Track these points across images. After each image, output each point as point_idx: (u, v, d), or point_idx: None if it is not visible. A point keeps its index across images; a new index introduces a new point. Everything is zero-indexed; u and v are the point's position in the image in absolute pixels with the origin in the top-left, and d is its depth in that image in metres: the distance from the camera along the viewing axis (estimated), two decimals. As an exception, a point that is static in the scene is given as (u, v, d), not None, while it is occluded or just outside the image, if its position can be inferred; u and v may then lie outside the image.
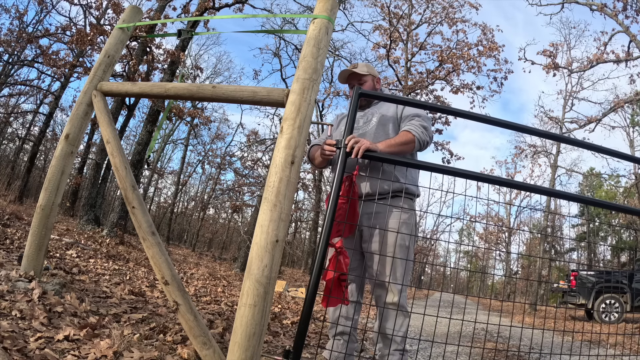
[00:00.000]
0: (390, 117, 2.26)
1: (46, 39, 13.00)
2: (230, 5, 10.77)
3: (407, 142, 2.08)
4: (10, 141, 20.12)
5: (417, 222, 2.30)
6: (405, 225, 2.13)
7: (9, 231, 4.85)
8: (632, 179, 16.04)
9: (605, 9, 11.24)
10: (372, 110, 2.34)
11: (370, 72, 2.39)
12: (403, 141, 2.07)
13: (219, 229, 30.60)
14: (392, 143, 2.05)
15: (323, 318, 3.97)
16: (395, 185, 2.12)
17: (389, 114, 2.27)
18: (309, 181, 17.54)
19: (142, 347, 1.91)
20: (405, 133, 2.11)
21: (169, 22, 9.40)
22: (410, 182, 2.20)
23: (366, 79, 2.37)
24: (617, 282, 9.10)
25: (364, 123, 2.31)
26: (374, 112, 2.32)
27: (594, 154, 16.93)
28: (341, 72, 2.41)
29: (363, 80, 2.37)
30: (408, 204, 2.18)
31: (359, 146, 1.84)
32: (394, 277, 2.05)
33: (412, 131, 2.10)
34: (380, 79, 2.54)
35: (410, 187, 2.17)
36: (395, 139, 2.09)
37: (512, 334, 5.24)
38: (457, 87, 12.58)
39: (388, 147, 2.02)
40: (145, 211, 2.21)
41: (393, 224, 2.09)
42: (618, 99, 13.72)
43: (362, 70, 2.37)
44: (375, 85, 2.42)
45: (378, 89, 2.45)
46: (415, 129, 2.11)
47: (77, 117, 2.60)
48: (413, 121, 2.16)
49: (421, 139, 2.10)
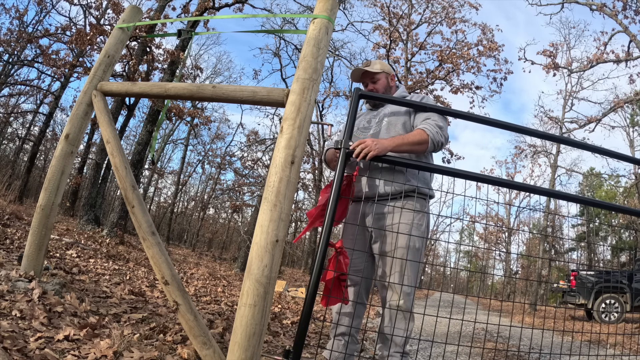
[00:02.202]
0: (402, 114, 2.19)
1: (46, 39, 13.00)
2: (230, 5, 10.77)
3: (420, 142, 1.99)
4: (10, 141, 20.13)
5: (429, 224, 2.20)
6: (416, 227, 2.05)
7: (9, 231, 4.84)
8: (632, 179, 16.04)
9: (604, 9, 11.24)
10: (384, 109, 2.28)
11: (383, 70, 2.31)
12: (416, 140, 1.99)
13: (219, 229, 30.60)
14: (404, 142, 1.97)
15: (323, 318, 3.97)
16: (407, 186, 2.06)
17: (402, 110, 2.20)
18: (309, 181, 17.55)
19: (142, 347, 1.91)
20: (419, 132, 2.02)
21: (168, 22, 9.41)
22: (422, 182, 2.13)
23: (379, 77, 2.29)
24: (617, 282, 9.10)
25: (376, 123, 2.24)
26: (386, 111, 2.25)
27: (594, 154, 16.94)
28: (354, 70, 2.34)
29: (376, 78, 2.29)
30: (420, 204, 2.11)
31: (366, 152, 1.82)
32: (402, 280, 1.99)
33: (427, 130, 2.00)
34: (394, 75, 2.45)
35: (422, 188, 2.11)
36: (408, 137, 2.01)
37: (512, 334, 5.24)
38: (456, 87, 12.59)
39: (398, 146, 1.95)
40: (145, 211, 2.21)
41: (404, 226, 2.03)
42: (618, 99, 13.72)
43: (375, 69, 2.28)
44: (390, 82, 2.34)
45: (392, 86, 2.36)
46: (431, 128, 2.02)
47: (77, 117, 2.60)
48: (429, 120, 2.06)
49: (435, 139, 2.01)
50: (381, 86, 2.30)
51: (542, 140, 15.49)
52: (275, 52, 15.91)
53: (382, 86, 2.30)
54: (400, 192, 2.06)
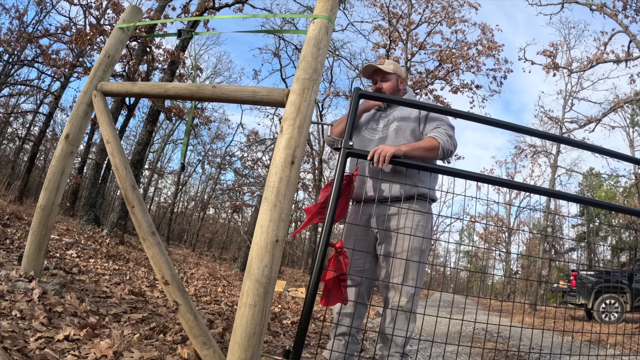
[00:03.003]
0: (411, 121, 2.20)
1: (46, 39, 12.99)
2: (230, 5, 10.78)
3: (431, 149, 2.03)
4: (10, 141, 20.12)
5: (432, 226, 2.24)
6: (421, 229, 2.09)
7: (9, 231, 4.84)
8: (632, 179, 16.04)
9: (604, 9, 11.24)
10: (393, 112, 2.28)
11: (395, 71, 2.31)
12: (428, 147, 2.03)
13: (219, 229, 30.60)
14: (417, 147, 2.01)
15: (323, 318, 3.97)
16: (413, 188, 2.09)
17: (412, 116, 2.21)
18: (309, 181, 17.56)
19: (142, 347, 1.91)
20: (430, 139, 2.06)
21: (169, 22, 9.41)
22: (429, 186, 2.16)
23: (390, 78, 2.30)
24: (617, 282, 9.10)
25: (385, 126, 2.25)
26: (396, 114, 2.25)
27: (594, 154, 16.95)
28: (366, 66, 2.34)
29: (387, 78, 2.29)
30: (424, 207, 2.15)
31: (383, 155, 1.84)
32: (406, 281, 2.01)
33: (438, 138, 2.05)
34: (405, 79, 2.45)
35: (425, 191, 2.14)
36: (420, 143, 2.05)
37: (512, 334, 5.24)
38: (456, 86, 12.60)
39: (412, 150, 1.99)
40: (145, 211, 2.21)
41: (409, 229, 2.06)
42: (618, 99, 13.72)
43: (388, 68, 2.29)
44: (399, 85, 2.34)
45: (401, 89, 2.36)
46: (441, 136, 2.06)
47: (77, 117, 2.60)
48: (439, 129, 2.11)
49: (446, 147, 2.06)
50: (390, 87, 2.30)
51: (542, 140, 15.52)
52: (275, 52, 15.93)
53: (391, 87, 2.30)
54: (406, 194, 2.09)
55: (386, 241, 2.11)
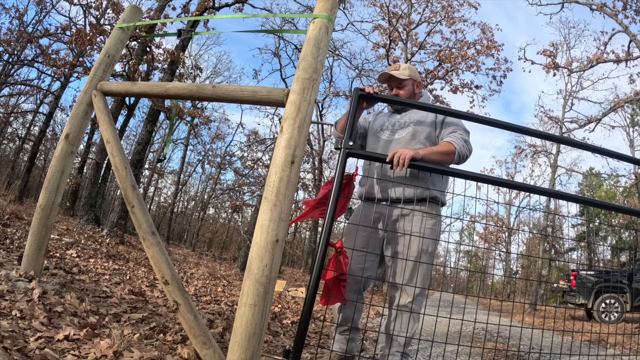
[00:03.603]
0: (427, 125, 2.21)
1: (46, 39, 12.99)
2: (230, 5, 10.77)
3: (447, 153, 2.04)
4: (10, 141, 20.13)
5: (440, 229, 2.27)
6: (430, 232, 2.11)
7: (9, 231, 4.84)
8: (632, 178, 16.04)
9: (604, 9, 11.24)
10: (409, 115, 2.28)
11: (411, 76, 2.29)
12: (444, 151, 2.04)
13: (219, 228, 30.59)
14: (434, 151, 2.02)
15: (323, 318, 3.97)
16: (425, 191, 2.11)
17: (428, 120, 2.22)
18: (309, 181, 17.55)
19: (142, 346, 1.91)
20: (447, 144, 2.07)
21: (168, 22, 9.40)
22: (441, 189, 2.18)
23: (406, 84, 2.29)
24: (617, 282, 9.11)
25: (400, 128, 2.25)
26: (412, 117, 2.26)
27: (594, 154, 16.94)
28: (382, 73, 2.34)
29: (403, 84, 2.29)
30: (436, 210, 2.16)
31: (403, 158, 1.85)
32: (412, 281, 2.02)
33: (455, 143, 2.07)
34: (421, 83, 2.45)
35: (438, 194, 2.15)
36: (437, 147, 2.07)
37: (512, 334, 5.24)
38: (456, 86, 12.59)
39: (430, 154, 2.00)
40: (145, 211, 2.21)
41: (417, 230, 2.07)
42: (618, 99, 13.72)
43: (403, 74, 2.27)
44: (415, 89, 2.34)
45: (417, 93, 2.36)
46: (458, 141, 2.08)
47: (77, 117, 2.60)
48: (455, 133, 2.13)
49: (462, 152, 2.07)
50: (406, 93, 2.29)
51: (542, 140, 15.49)
52: (275, 52, 15.91)
53: (407, 93, 2.29)
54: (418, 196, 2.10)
55: (395, 242, 2.12)
